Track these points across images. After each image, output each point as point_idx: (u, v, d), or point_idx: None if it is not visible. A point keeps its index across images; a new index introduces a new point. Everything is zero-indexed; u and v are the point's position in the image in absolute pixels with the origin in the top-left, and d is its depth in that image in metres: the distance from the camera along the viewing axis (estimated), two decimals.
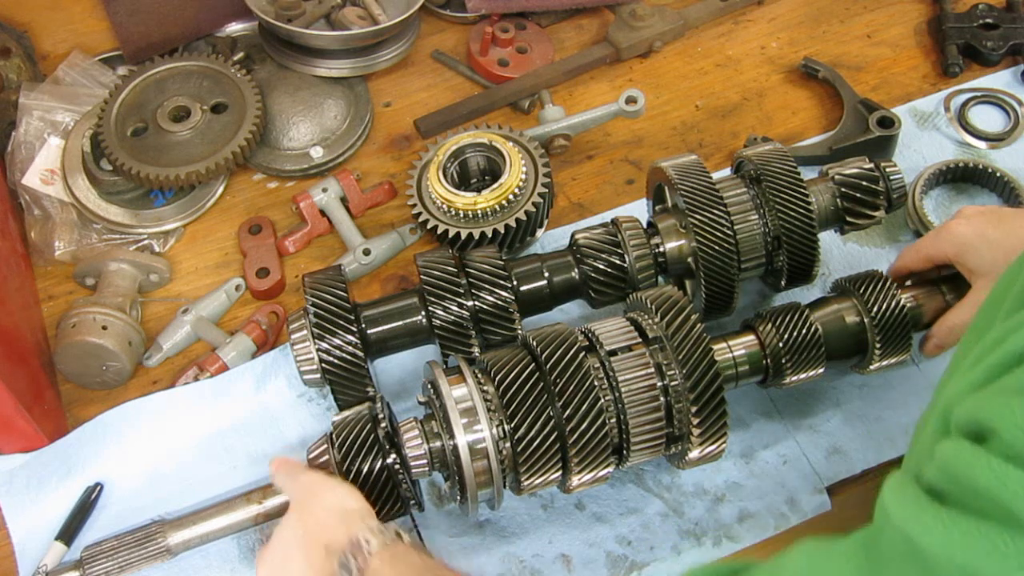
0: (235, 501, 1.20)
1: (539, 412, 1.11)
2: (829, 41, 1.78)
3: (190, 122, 1.57)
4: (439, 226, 1.39)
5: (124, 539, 1.19)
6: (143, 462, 1.34)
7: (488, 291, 1.28)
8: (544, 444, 1.11)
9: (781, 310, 1.26)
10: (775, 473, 1.31)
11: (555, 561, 1.25)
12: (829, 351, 1.25)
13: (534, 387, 1.12)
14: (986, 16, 1.74)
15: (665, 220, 1.34)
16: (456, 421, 1.12)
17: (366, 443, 1.15)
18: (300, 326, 1.27)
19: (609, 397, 1.14)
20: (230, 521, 1.20)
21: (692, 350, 1.13)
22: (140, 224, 1.55)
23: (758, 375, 1.26)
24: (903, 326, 1.24)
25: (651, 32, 1.75)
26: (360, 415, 1.19)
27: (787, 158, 1.33)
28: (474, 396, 1.13)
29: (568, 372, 1.12)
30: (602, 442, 1.12)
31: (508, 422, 1.12)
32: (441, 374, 1.16)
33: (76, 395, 1.42)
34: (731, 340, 1.25)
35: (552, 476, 1.14)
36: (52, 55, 1.76)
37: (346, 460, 1.15)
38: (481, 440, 1.12)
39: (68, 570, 1.19)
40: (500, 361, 1.15)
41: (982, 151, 1.61)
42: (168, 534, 1.19)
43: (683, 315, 1.15)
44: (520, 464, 1.12)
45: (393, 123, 1.70)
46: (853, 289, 1.27)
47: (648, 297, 1.19)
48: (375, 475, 1.14)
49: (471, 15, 1.79)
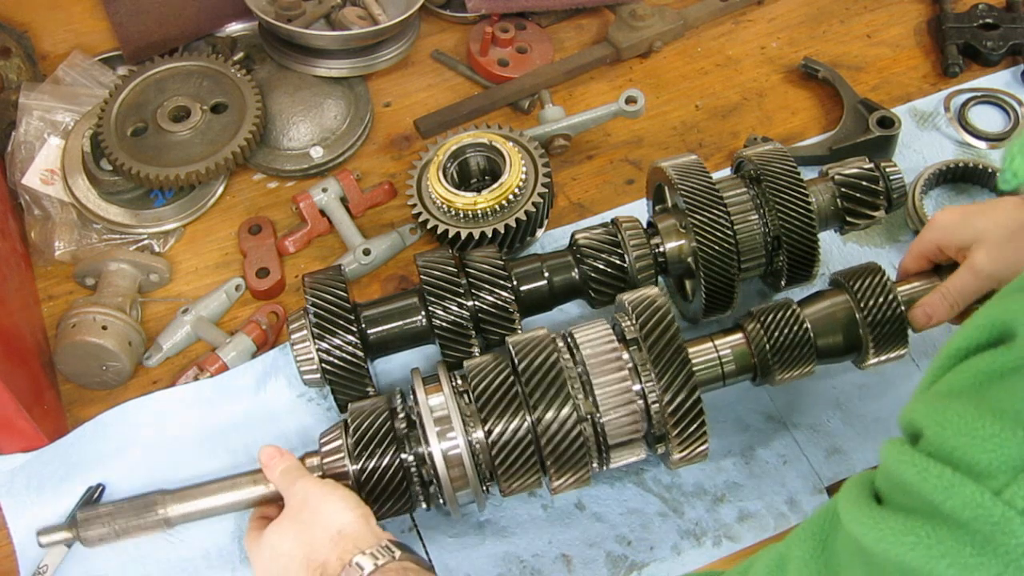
0: (240, 479, 1.20)
1: (511, 419, 1.13)
2: (829, 41, 1.78)
3: (190, 122, 1.57)
4: (439, 226, 1.39)
5: (123, 505, 1.19)
6: (143, 462, 1.33)
7: (488, 291, 1.28)
8: (518, 450, 1.13)
9: (770, 308, 1.25)
10: (775, 473, 1.31)
11: (555, 561, 1.25)
12: (821, 348, 1.24)
13: (506, 394, 1.14)
14: (986, 16, 1.74)
15: (665, 220, 1.34)
16: (431, 429, 1.14)
17: (384, 436, 1.15)
18: (300, 326, 1.27)
19: (585, 402, 1.15)
20: (233, 499, 1.19)
21: (665, 353, 1.13)
22: (140, 224, 1.55)
23: (746, 374, 1.25)
24: (898, 320, 1.22)
25: (651, 32, 1.75)
26: (377, 406, 1.19)
27: (787, 158, 1.33)
28: (449, 404, 1.15)
29: (543, 380, 1.13)
30: (577, 449, 1.13)
31: (483, 428, 1.13)
32: (420, 383, 1.18)
33: (76, 395, 1.42)
34: (718, 339, 1.25)
35: (531, 479, 1.15)
36: (52, 55, 1.76)
37: (359, 450, 1.15)
38: (455, 447, 1.14)
39: (62, 530, 1.18)
40: (477, 368, 1.17)
41: (982, 151, 1.61)
42: (168, 505, 1.18)
43: (658, 317, 1.15)
44: (498, 469, 1.14)
45: (393, 123, 1.70)
46: (847, 284, 1.25)
47: (628, 300, 1.19)
48: (389, 469, 1.15)
49: (471, 15, 1.79)
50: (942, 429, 0.64)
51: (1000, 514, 0.60)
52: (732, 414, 1.36)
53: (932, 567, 0.62)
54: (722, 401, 1.36)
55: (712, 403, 1.35)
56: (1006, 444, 0.61)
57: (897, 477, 0.67)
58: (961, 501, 0.62)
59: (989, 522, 0.60)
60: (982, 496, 0.61)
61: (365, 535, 1.07)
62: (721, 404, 1.36)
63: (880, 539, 0.65)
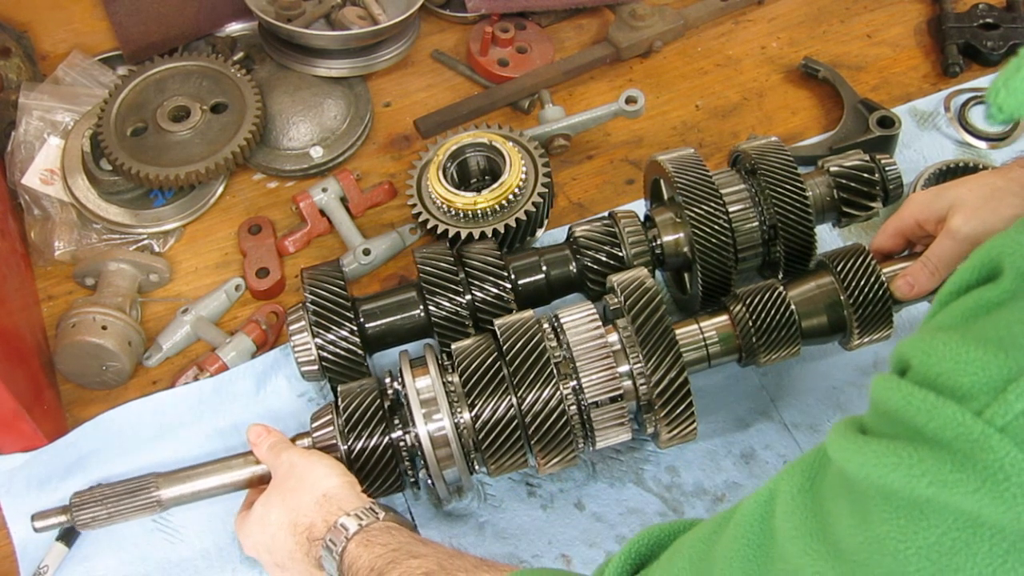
0: (232, 461, 1.21)
1: (498, 401, 1.14)
2: (829, 41, 1.78)
3: (190, 122, 1.57)
4: (439, 226, 1.39)
5: (116, 487, 1.19)
6: (143, 462, 1.33)
7: (486, 285, 1.29)
8: (504, 432, 1.14)
9: (756, 290, 1.25)
10: (775, 473, 1.31)
11: (555, 561, 1.25)
12: (806, 329, 1.24)
13: (493, 377, 1.15)
14: (986, 16, 1.74)
15: (662, 213, 1.34)
16: (417, 411, 1.16)
17: (373, 416, 1.17)
18: (299, 319, 1.27)
19: (570, 384, 1.16)
20: (225, 480, 1.20)
21: (654, 333, 1.14)
22: (140, 224, 1.55)
23: (732, 355, 1.25)
24: (882, 300, 1.22)
25: (651, 32, 1.75)
26: (366, 387, 1.20)
27: (783, 150, 1.33)
28: (436, 387, 1.17)
29: (527, 361, 1.14)
30: (562, 430, 1.14)
31: (470, 411, 1.15)
32: (407, 366, 1.20)
33: (76, 395, 1.42)
34: (703, 321, 1.25)
35: (518, 460, 1.17)
36: (52, 55, 1.76)
37: (349, 429, 1.17)
38: (441, 428, 1.15)
39: (56, 514, 1.18)
40: (464, 351, 1.18)
41: (982, 151, 1.61)
42: (161, 486, 1.18)
43: (647, 297, 1.16)
44: (484, 450, 1.15)
45: (393, 123, 1.70)
46: (831, 264, 1.25)
47: (617, 280, 1.20)
48: (378, 449, 1.16)
49: (471, 15, 1.79)
50: (927, 358, 0.66)
51: (980, 431, 0.62)
52: (732, 414, 1.36)
53: (913, 486, 0.64)
54: (722, 401, 1.36)
55: (712, 403, 1.35)
56: (987, 367, 0.63)
57: (883, 406, 0.69)
58: (943, 422, 0.63)
59: (969, 440, 0.62)
60: (963, 416, 0.63)
61: (350, 497, 1.10)
62: (721, 404, 1.36)
63: (863, 464, 0.67)
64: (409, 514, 1.28)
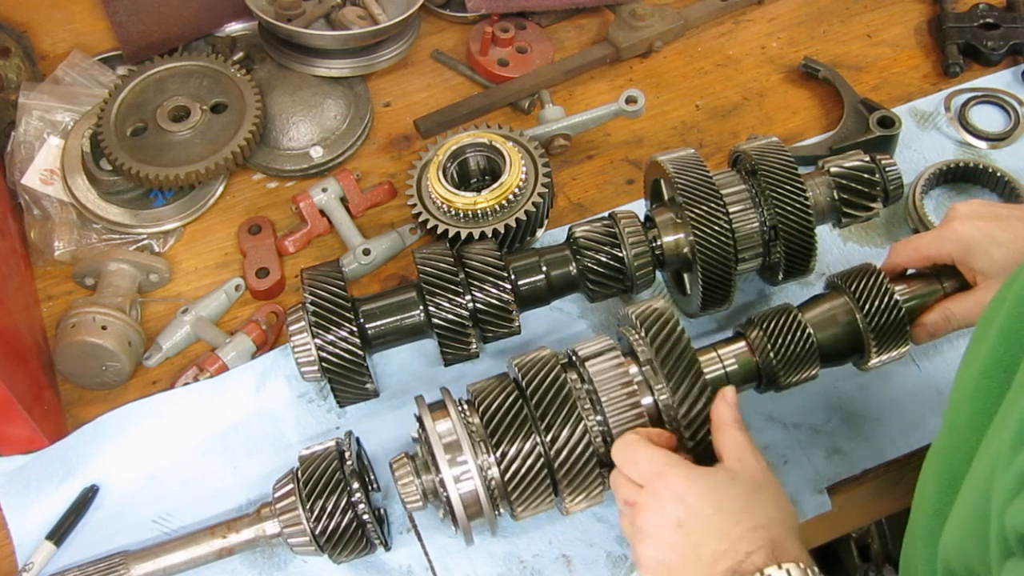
0: (200, 534, 1.21)
1: (523, 441, 1.12)
2: (829, 41, 1.78)
3: (190, 122, 1.57)
4: (439, 226, 1.39)
5: (87, 569, 1.19)
6: (143, 463, 1.33)
7: (486, 286, 1.28)
8: (531, 472, 1.12)
9: (771, 314, 1.24)
10: (775, 473, 1.30)
11: (555, 561, 1.25)
12: (823, 352, 1.24)
13: (516, 416, 1.13)
14: (986, 16, 1.74)
15: (662, 214, 1.34)
16: (440, 455, 1.12)
17: (331, 480, 1.16)
18: (298, 319, 1.27)
19: (594, 418, 1.14)
20: (194, 555, 1.20)
21: (679, 365, 1.12)
22: (140, 224, 1.55)
23: (751, 383, 1.25)
24: (899, 321, 1.22)
25: (651, 32, 1.75)
26: (326, 452, 1.19)
27: (782, 150, 1.33)
28: (458, 429, 1.14)
29: (549, 397, 1.12)
30: (588, 465, 1.12)
31: (494, 452, 1.12)
32: (426, 410, 1.17)
33: (76, 395, 1.41)
34: (721, 349, 1.24)
35: (545, 500, 1.14)
36: (52, 55, 1.76)
37: (311, 496, 1.15)
38: (467, 472, 1.12)
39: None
40: (484, 391, 1.16)
41: (982, 151, 1.61)
42: (131, 566, 1.18)
43: (668, 329, 1.14)
44: (510, 493, 1.13)
45: (393, 123, 1.70)
46: (845, 286, 1.25)
47: (634, 313, 1.18)
48: (339, 511, 1.15)
49: (471, 15, 1.79)
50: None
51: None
52: None
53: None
54: None
55: None
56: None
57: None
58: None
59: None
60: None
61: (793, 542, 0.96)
62: None
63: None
64: (410, 519, 1.28)
